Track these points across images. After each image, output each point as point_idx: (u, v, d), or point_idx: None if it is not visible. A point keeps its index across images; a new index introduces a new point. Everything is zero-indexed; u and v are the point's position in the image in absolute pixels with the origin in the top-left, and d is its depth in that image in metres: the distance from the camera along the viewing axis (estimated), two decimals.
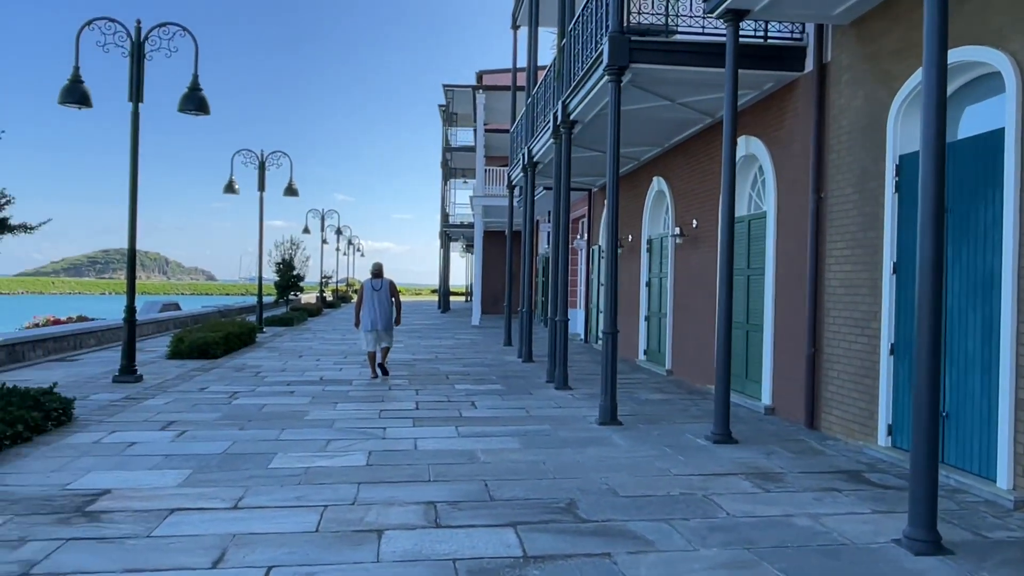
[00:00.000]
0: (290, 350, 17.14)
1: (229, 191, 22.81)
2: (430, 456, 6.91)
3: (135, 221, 11.63)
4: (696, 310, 12.11)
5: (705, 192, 11.80)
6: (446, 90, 39.21)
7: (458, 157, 42.87)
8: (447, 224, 42.44)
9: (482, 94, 26.94)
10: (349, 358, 15.61)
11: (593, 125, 11.60)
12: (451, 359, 15.63)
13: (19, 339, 14.21)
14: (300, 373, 12.94)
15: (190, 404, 9.55)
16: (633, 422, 8.67)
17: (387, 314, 12.51)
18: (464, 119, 42.68)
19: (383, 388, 11.25)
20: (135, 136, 11.55)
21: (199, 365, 13.90)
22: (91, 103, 11.46)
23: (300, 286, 29.07)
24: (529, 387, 11.60)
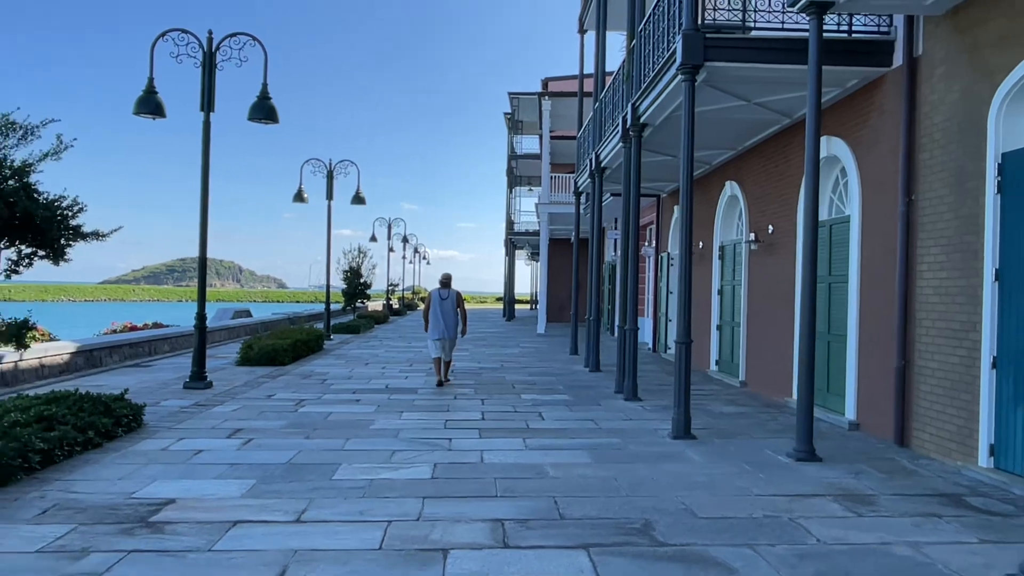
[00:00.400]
0: (356, 357, 17.18)
1: (298, 200, 23.14)
2: (497, 470, 6.67)
3: (206, 229, 11.75)
4: (772, 319, 11.61)
5: (781, 196, 11.32)
6: (511, 98, 39.23)
7: (523, 165, 42.80)
8: (512, 232, 42.34)
9: (547, 100, 26.74)
10: (415, 366, 15.54)
11: (664, 128, 11.25)
12: (517, 368, 15.41)
13: (97, 345, 14.56)
14: (366, 381, 12.90)
15: (257, 412, 9.55)
16: (708, 436, 8.27)
17: (452, 323, 12.67)
18: (529, 127, 42.59)
19: (448, 397, 11.08)
20: (206, 145, 11.68)
21: (267, 372, 14.00)
22: (165, 113, 11.64)
23: (367, 294, 29.30)
24: (597, 398, 11.27)
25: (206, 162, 11.70)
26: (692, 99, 8.26)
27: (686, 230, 8.46)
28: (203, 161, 11.69)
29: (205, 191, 11.72)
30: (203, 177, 11.73)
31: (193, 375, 11.69)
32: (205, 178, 11.72)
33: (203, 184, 11.73)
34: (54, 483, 5.98)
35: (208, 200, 11.76)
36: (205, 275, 11.91)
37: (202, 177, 11.73)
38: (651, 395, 11.44)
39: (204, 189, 11.72)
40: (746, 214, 12.74)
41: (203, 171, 11.72)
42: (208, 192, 11.76)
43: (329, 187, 23.13)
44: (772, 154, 11.70)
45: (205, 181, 11.73)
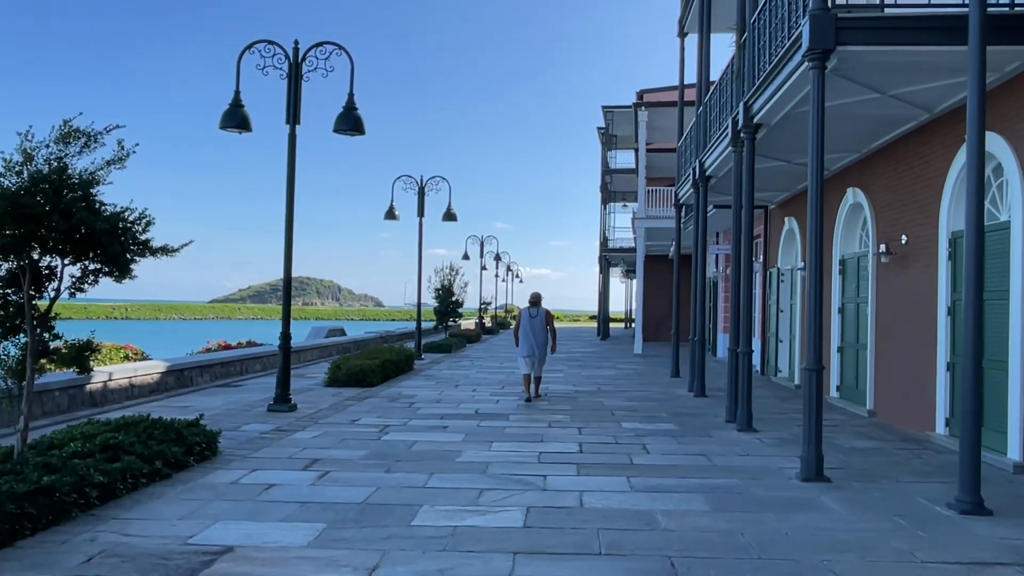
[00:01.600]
0: (446, 379, 16.55)
1: (390, 217, 22.85)
2: (599, 517, 5.76)
3: (291, 245, 11.33)
4: (906, 340, 10.27)
5: (916, 203, 10.02)
6: (605, 112, 38.37)
7: (618, 180, 41.77)
8: (607, 249, 41.28)
9: (644, 111, 25.73)
10: (506, 388, 14.76)
11: (778, 129, 10.16)
12: (615, 392, 14.42)
13: (187, 364, 14.41)
14: (455, 405, 12.18)
15: (338, 439, 8.93)
16: (843, 479, 7.12)
17: (542, 341, 13.04)
18: (624, 141, 41.58)
19: (542, 425, 10.22)
20: (292, 158, 11.29)
21: (354, 394, 13.49)
22: (251, 127, 11.32)
23: (459, 312, 28.83)
24: (707, 427, 10.20)
25: (291, 176, 11.30)
26: (822, 89, 7.18)
27: (815, 240, 7.36)
28: (288, 175, 11.29)
29: (290, 206, 11.32)
30: (288, 192, 11.33)
31: (277, 398, 11.24)
32: (290, 193, 11.32)
33: (288, 199, 11.32)
34: (110, 522, 5.43)
35: (293, 216, 11.35)
36: (290, 292, 11.48)
37: (287, 192, 11.33)
38: (767, 425, 10.27)
39: (289, 204, 11.32)
40: (873, 224, 11.43)
41: (288, 186, 11.32)
42: (293, 207, 11.35)
43: (421, 204, 22.77)
44: (905, 156, 10.41)
45: (290, 196, 11.32)
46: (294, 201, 11.35)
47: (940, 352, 9.21)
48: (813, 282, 7.33)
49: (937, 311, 9.27)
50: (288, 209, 11.31)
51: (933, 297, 9.39)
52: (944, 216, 9.22)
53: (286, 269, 11.39)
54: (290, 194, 11.31)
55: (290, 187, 11.31)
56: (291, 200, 11.32)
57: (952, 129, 9.07)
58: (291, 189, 11.31)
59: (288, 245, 11.32)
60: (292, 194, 11.33)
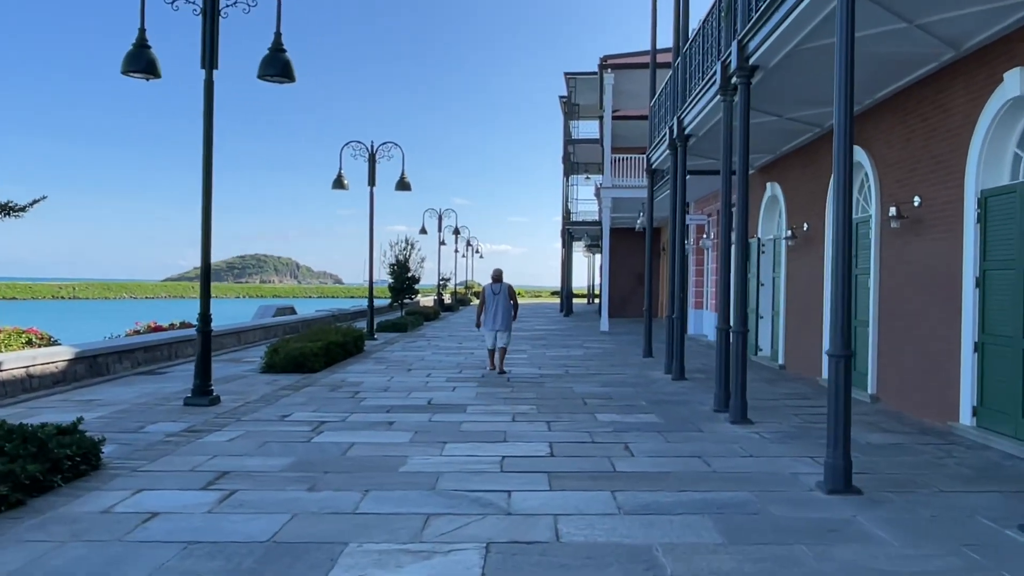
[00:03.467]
0: (399, 361, 15.03)
1: (338, 186, 21.16)
2: (582, 557, 4.34)
3: (210, 207, 9.67)
4: (918, 317, 9.02)
5: (935, 158, 8.72)
6: (568, 78, 36.76)
7: (580, 150, 40.35)
8: (569, 222, 39.89)
9: (610, 73, 24.22)
10: (464, 372, 13.30)
11: (777, 74, 8.77)
12: (584, 375, 13.04)
13: (102, 350, 12.68)
14: (405, 394, 10.69)
15: (259, 442, 7.39)
16: (875, 488, 5.80)
17: (505, 316, 13.37)
18: (587, 110, 40.06)
19: (505, 418, 8.79)
20: (209, 108, 9.59)
21: (292, 381, 11.91)
22: (159, 72, 9.61)
23: (415, 289, 27.19)
24: (694, 419, 8.86)
25: (208, 128, 9.61)
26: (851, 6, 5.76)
27: (842, 203, 5.95)
28: (205, 127, 9.60)
29: (208, 164, 9.63)
30: (205, 149, 9.64)
31: (195, 389, 9.63)
32: (208, 150, 9.63)
33: (206, 156, 9.64)
34: None
35: (212, 175, 9.68)
36: (209, 264, 9.83)
37: (204, 149, 9.64)
38: (761, 415, 8.97)
39: (207, 161, 9.63)
40: (876, 186, 10.14)
41: (205, 141, 9.63)
42: (211, 166, 9.67)
43: (371, 172, 21.06)
44: (919, 106, 9.09)
45: (208, 153, 9.63)
46: (212, 157, 9.67)
47: (965, 330, 7.96)
48: (841, 252, 5.93)
49: (962, 282, 8.00)
50: (206, 166, 9.63)
51: (957, 266, 8.11)
52: (972, 173, 7.91)
53: (204, 238, 9.73)
54: (208, 150, 9.63)
55: (207, 142, 9.62)
56: (209, 157, 9.63)
57: (981, 70, 7.76)
58: (208, 144, 9.62)
59: (207, 206, 9.66)
60: (210, 150, 9.65)
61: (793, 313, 13.39)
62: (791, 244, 13.06)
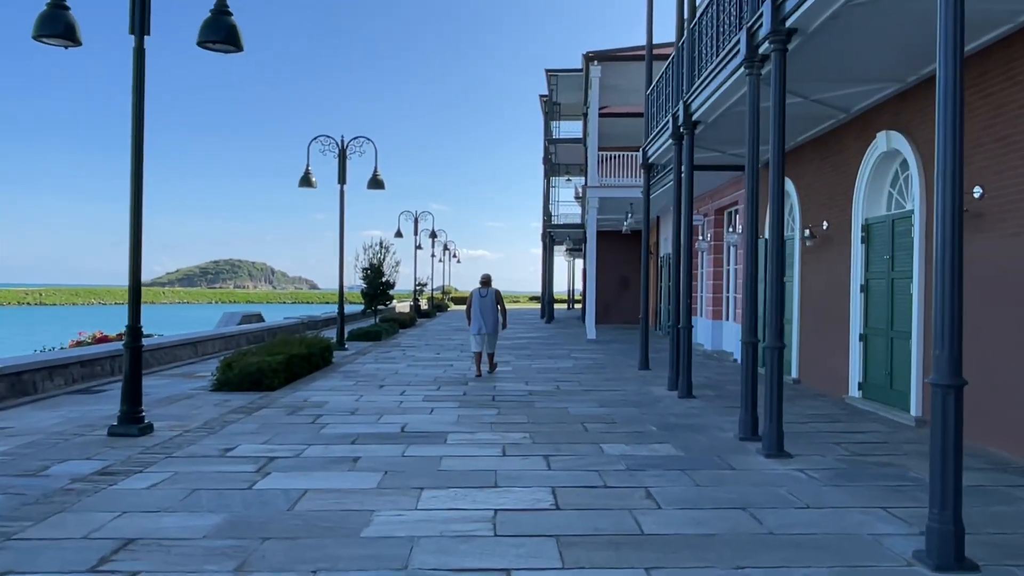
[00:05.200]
0: (370, 376, 13.49)
1: (305, 184, 19.58)
2: None
3: (140, 200, 8.12)
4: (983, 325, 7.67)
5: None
6: (549, 76, 35.38)
7: (562, 151, 38.95)
8: (551, 225, 38.47)
9: (597, 66, 22.84)
10: (444, 389, 11.80)
11: (820, 37, 7.39)
12: (578, 392, 11.60)
13: (28, 366, 11.03)
14: (375, 418, 9.18)
15: (187, 490, 5.85)
16: (993, 558, 4.41)
17: (492, 320, 13.51)
18: (569, 109, 38.72)
19: (494, 452, 7.31)
20: (139, 79, 8.04)
21: (246, 402, 10.35)
22: (78, 39, 8.04)
23: (389, 295, 25.59)
24: (719, 450, 7.44)
25: (139, 99, 8.04)
26: None
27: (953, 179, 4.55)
28: (134, 98, 8.03)
29: (138, 137, 8.07)
30: (135, 131, 8.07)
31: (122, 416, 8.05)
32: (138, 119, 8.06)
33: (135, 140, 8.07)
34: None
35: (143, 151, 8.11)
36: (139, 266, 8.27)
37: (133, 131, 8.07)
38: (797, 445, 7.58)
39: (137, 144, 8.07)
40: (920, 175, 8.79)
41: (135, 121, 8.06)
42: (142, 139, 8.11)
43: (341, 168, 19.52)
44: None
45: (138, 124, 8.07)
46: (143, 131, 8.11)
47: None
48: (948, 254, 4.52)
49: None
50: (135, 141, 8.07)
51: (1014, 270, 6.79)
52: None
53: (133, 236, 8.16)
54: (137, 131, 8.06)
55: (137, 123, 8.06)
56: (139, 128, 8.07)
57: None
58: (139, 114, 8.06)
59: (136, 192, 8.10)
60: (140, 132, 8.08)
61: (809, 321, 12.03)
62: (808, 244, 11.69)
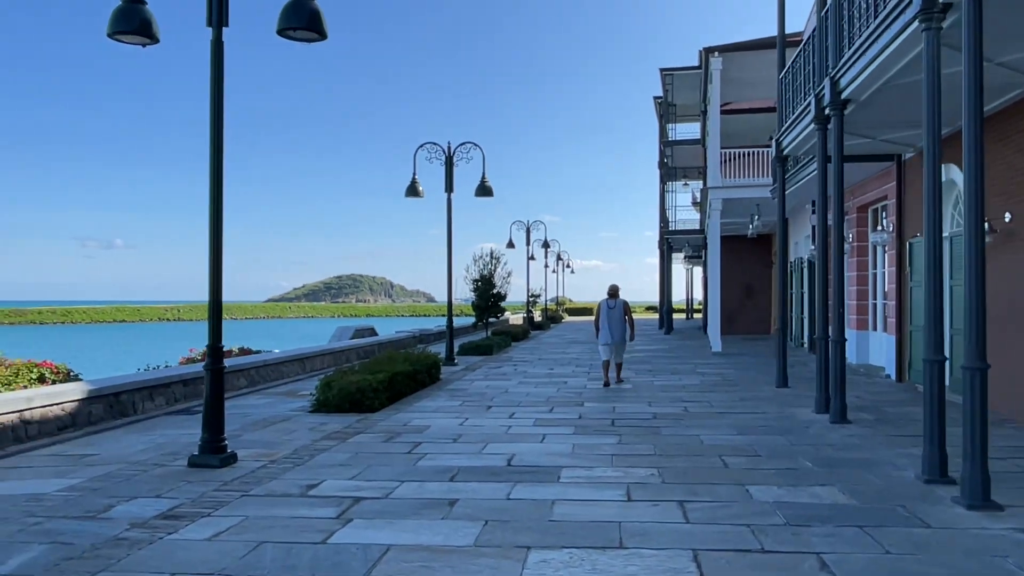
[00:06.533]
0: (478, 395, 12.50)
1: (412, 195, 18.92)
2: None
3: (220, 205, 7.40)
4: None
5: None
6: (664, 75, 33.83)
7: (678, 153, 37.15)
8: (668, 231, 36.75)
9: (717, 57, 21.23)
10: (557, 411, 10.65)
11: None
12: (710, 415, 10.19)
13: (127, 386, 10.66)
14: (480, 447, 8.12)
15: (250, 544, 4.93)
16: None
17: (620, 330, 13.61)
18: (685, 110, 36.95)
19: (617, 494, 6.09)
20: (217, 73, 7.34)
21: (343, 426, 9.54)
22: (156, 36, 7.43)
23: (501, 307, 24.71)
24: (901, 496, 5.94)
25: (217, 93, 7.34)
26: None
27: None
28: (212, 92, 7.33)
29: (218, 145, 7.36)
30: (213, 112, 7.37)
31: (203, 445, 7.33)
32: (217, 116, 7.36)
33: (214, 140, 7.37)
34: None
35: (222, 157, 7.39)
36: (220, 281, 7.54)
37: (212, 129, 7.37)
38: (1004, 489, 5.97)
39: (216, 143, 7.36)
40: None
41: (213, 104, 7.37)
42: (222, 149, 7.40)
43: (448, 176, 18.76)
44: None
45: (217, 134, 7.36)
46: (222, 141, 7.39)
47: None
48: None
49: None
50: (214, 146, 7.37)
51: None
52: None
53: (213, 248, 7.45)
54: (217, 128, 7.36)
55: (216, 120, 7.35)
56: (218, 137, 7.36)
57: None
58: (217, 107, 7.36)
59: (215, 196, 7.39)
60: (220, 130, 7.37)
61: (991, 330, 10.13)
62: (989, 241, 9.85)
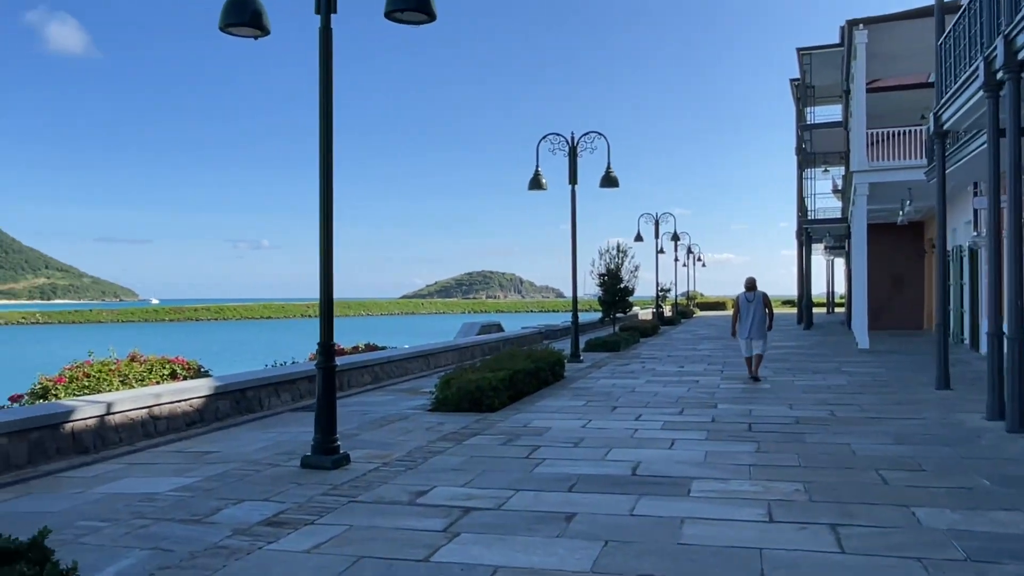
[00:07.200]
0: (603, 394, 11.90)
1: (535, 187, 18.52)
2: None
3: (330, 199, 7.18)
4: None
5: None
6: (801, 55, 31.98)
7: (817, 138, 34.97)
8: (806, 221, 34.71)
9: (863, 30, 19.58)
10: (687, 413, 9.90)
11: None
12: (862, 420, 9.17)
13: (254, 382, 10.78)
14: (602, 452, 7.55)
15: (350, 559, 4.57)
16: None
17: (760, 323, 13.44)
18: (824, 92, 34.84)
19: (756, 513, 5.36)
20: (326, 61, 7.11)
21: (460, 426, 9.20)
22: (267, 27, 7.28)
23: (628, 301, 23.90)
24: None
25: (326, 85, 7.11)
26: None
27: None
28: (321, 84, 7.10)
29: (327, 123, 7.14)
30: (322, 105, 7.15)
31: (315, 446, 7.13)
32: (326, 106, 7.14)
33: (323, 114, 7.15)
34: None
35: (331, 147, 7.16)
36: (331, 277, 7.32)
37: (321, 106, 7.16)
38: None
39: (325, 133, 7.14)
40: None
41: (322, 97, 7.15)
42: (331, 142, 7.17)
43: (572, 167, 18.20)
44: None
45: (326, 109, 7.14)
46: (331, 122, 7.17)
47: None
48: None
49: None
50: (323, 137, 7.15)
51: None
52: None
53: (323, 243, 7.24)
54: (325, 118, 7.14)
55: (324, 105, 7.13)
56: (327, 119, 7.14)
57: None
58: (327, 107, 7.13)
59: (326, 197, 7.17)
60: (329, 113, 7.15)
61: None
62: None
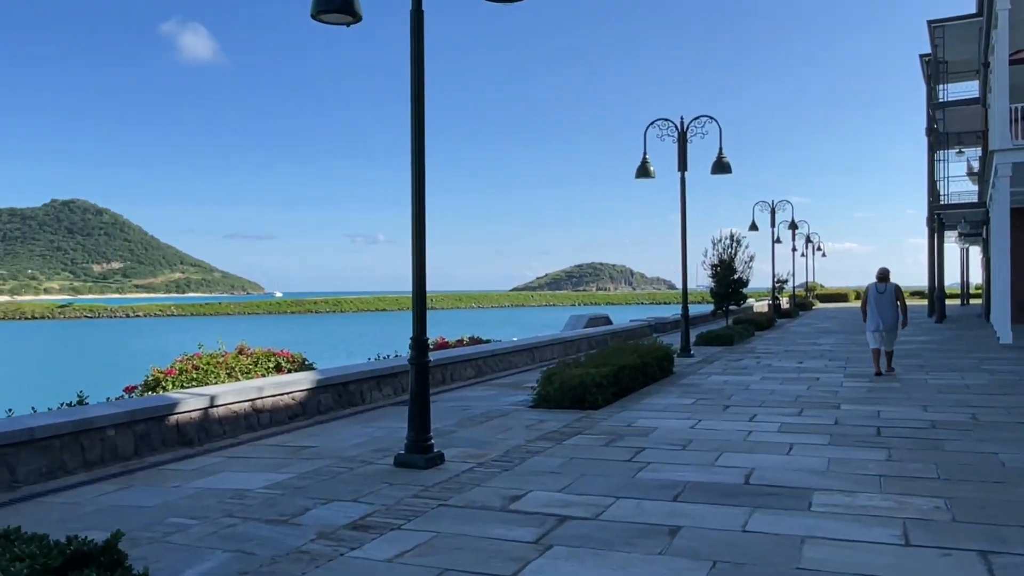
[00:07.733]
0: (714, 392, 11.24)
1: (643, 175, 17.85)
2: None
3: (422, 190, 6.93)
4: None
5: None
6: (933, 28, 29.85)
7: (951, 116, 32.48)
8: (939, 206, 32.35)
9: None
10: (807, 414, 9.16)
11: None
12: (1009, 425, 8.20)
13: (356, 375, 10.75)
14: (712, 456, 6.98)
15: (434, 570, 4.27)
16: None
17: (891, 316, 12.70)
18: (958, 67, 32.33)
19: (891, 534, 4.72)
20: (417, 45, 6.85)
21: (561, 424, 8.81)
22: (358, 13, 7.08)
23: (742, 293, 22.86)
24: None
25: (418, 71, 6.85)
26: None
27: None
28: (413, 71, 6.85)
29: (419, 112, 6.89)
30: (414, 92, 6.90)
31: (409, 444, 6.91)
32: (418, 93, 6.88)
33: (415, 103, 6.90)
34: None
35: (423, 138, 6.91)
36: (424, 268, 7.07)
37: (413, 93, 6.91)
38: None
39: (417, 110, 6.89)
40: None
41: (414, 83, 6.89)
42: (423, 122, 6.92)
43: (682, 154, 17.46)
44: None
45: (418, 97, 6.89)
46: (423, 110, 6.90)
47: None
48: None
49: None
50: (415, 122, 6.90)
51: None
52: None
53: (416, 237, 7.00)
54: (417, 101, 6.88)
55: (416, 93, 6.87)
56: (419, 108, 6.88)
57: None
58: (418, 94, 6.87)
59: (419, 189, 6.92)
60: (420, 102, 6.89)
61: None
62: None
